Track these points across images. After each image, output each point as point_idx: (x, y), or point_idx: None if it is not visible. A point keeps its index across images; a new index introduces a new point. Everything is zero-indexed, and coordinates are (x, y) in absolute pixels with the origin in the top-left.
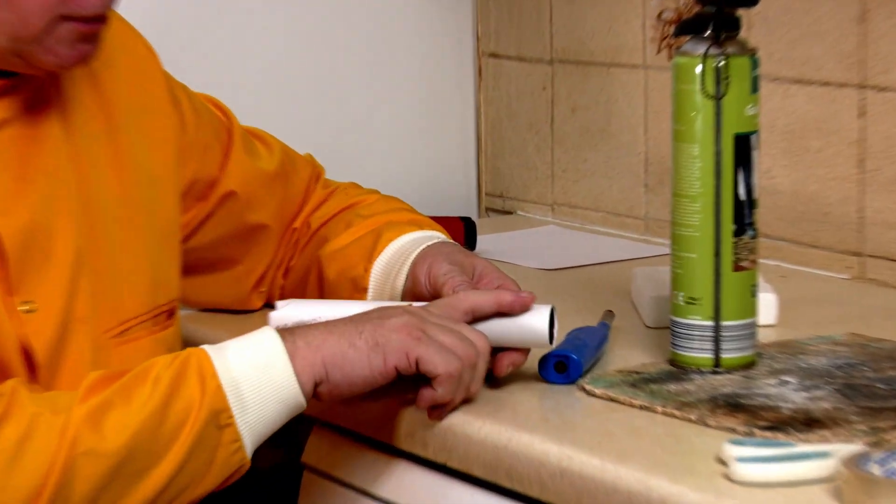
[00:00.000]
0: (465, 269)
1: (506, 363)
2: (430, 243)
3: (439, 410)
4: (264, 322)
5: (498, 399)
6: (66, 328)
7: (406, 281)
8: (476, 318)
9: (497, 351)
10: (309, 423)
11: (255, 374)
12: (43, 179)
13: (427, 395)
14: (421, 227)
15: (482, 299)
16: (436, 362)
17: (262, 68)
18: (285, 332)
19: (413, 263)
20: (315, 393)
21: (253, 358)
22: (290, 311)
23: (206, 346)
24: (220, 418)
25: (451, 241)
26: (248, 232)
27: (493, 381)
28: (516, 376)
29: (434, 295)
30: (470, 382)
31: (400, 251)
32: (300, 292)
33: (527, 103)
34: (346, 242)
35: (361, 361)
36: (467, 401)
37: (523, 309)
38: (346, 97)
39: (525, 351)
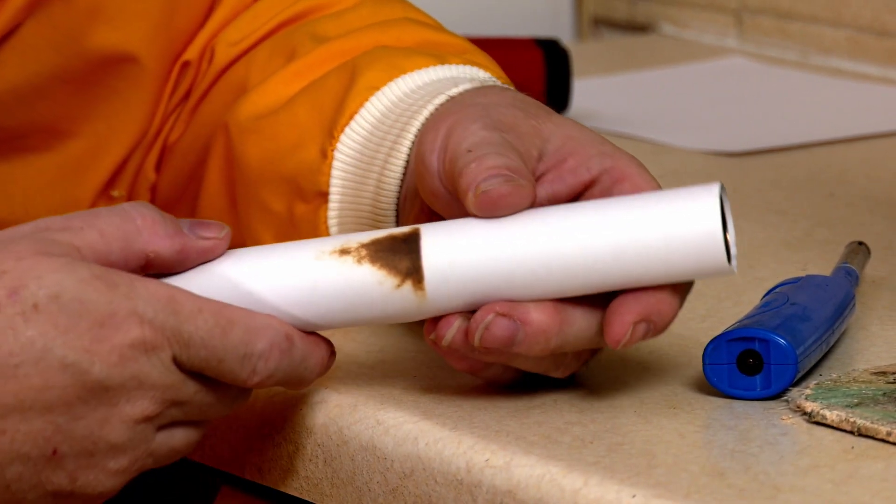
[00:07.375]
0: (522, 141)
1: (630, 320)
2: (459, 90)
3: None
4: None
5: (607, 432)
6: None
7: (404, 175)
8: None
9: (609, 297)
10: (213, 482)
11: None
12: None
13: None
14: (441, 58)
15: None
16: None
17: None
18: None
19: (420, 134)
20: None
21: None
22: None
23: None
24: None
25: (506, 85)
26: (92, 69)
27: (593, 375)
28: (649, 372)
29: (449, 196)
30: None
31: (398, 109)
32: (187, 200)
33: None
34: (284, 94)
35: None
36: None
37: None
38: None
39: (675, 291)
